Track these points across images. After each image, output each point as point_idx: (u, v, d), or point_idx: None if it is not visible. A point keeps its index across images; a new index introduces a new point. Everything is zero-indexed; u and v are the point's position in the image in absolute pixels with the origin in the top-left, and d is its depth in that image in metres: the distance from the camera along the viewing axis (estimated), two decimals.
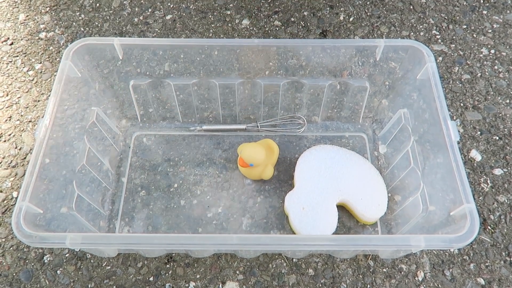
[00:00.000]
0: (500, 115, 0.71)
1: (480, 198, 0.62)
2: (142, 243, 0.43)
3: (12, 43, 0.79)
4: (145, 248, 0.51)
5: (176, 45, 0.60)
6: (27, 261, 0.57)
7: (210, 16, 0.84)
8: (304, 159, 0.62)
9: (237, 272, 0.57)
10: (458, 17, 0.84)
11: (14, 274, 0.56)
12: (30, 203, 0.45)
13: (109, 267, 0.57)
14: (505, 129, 0.69)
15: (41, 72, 0.75)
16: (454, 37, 0.81)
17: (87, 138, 0.58)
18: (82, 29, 0.81)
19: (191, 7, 0.85)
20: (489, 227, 0.60)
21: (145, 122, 0.69)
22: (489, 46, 0.79)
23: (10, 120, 0.69)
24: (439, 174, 0.52)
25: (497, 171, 0.65)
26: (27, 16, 0.83)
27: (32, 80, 0.74)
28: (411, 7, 0.85)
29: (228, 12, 0.84)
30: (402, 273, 0.56)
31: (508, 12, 0.84)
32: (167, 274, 0.56)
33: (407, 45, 0.57)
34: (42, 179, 0.49)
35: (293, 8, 0.85)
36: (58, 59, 0.77)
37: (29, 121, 0.69)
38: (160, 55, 0.61)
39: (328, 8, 0.85)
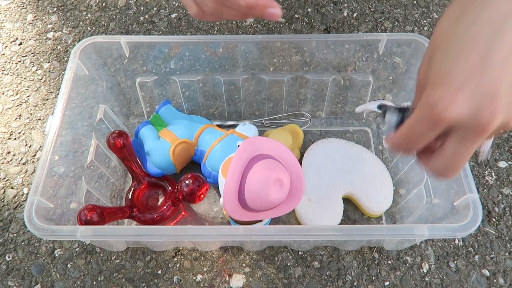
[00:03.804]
0: None
1: (485, 190, 0.63)
2: (151, 235, 0.44)
3: (20, 43, 0.80)
4: (154, 240, 0.52)
5: (181, 42, 0.61)
6: (38, 255, 0.58)
7: None
8: (311, 152, 0.63)
9: (244, 265, 0.57)
10: None
11: (25, 268, 0.57)
12: (41, 197, 0.46)
13: (118, 261, 0.58)
14: None
15: (49, 71, 0.76)
16: None
17: (95, 135, 0.60)
18: (89, 28, 0.82)
19: None
20: (493, 219, 0.60)
21: None
22: None
23: (19, 118, 0.71)
24: None
25: (502, 164, 0.65)
26: (35, 16, 0.84)
27: (41, 79, 0.75)
28: (415, 2, 0.86)
29: None
30: (407, 265, 0.57)
31: None
32: (174, 267, 0.57)
33: (410, 38, 0.57)
34: (52, 175, 0.50)
35: (296, 4, 0.86)
36: (66, 58, 0.78)
37: (38, 119, 0.70)
38: (165, 53, 0.62)
39: (331, 4, 0.85)
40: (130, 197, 0.59)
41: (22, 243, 0.59)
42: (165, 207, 0.57)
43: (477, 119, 0.29)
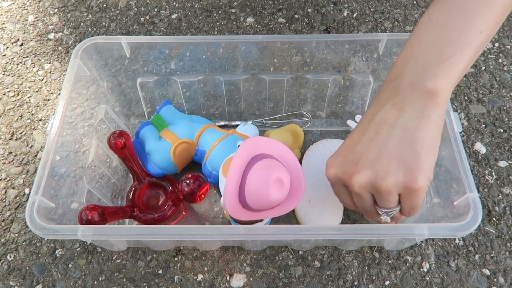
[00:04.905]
0: (505, 108, 0.71)
1: (485, 190, 0.63)
2: (152, 235, 0.44)
3: (22, 44, 0.80)
4: (154, 240, 0.52)
5: (182, 42, 0.61)
6: (39, 255, 0.58)
7: (215, 15, 0.85)
8: (310, 153, 0.63)
9: (244, 264, 0.58)
10: None
11: (27, 268, 0.58)
12: (42, 197, 0.46)
13: (119, 261, 0.58)
14: (510, 122, 0.69)
15: (50, 72, 0.77)
16: None
17: (96, 135, 0.60)
18: (89, 29, 0.83)
19: (196, 6, 0.86)
20: (494, 219, 0.60)
21: None
22: (493, 40, 0.79)
23: (21, 119, 0.71)
24: (443, 167, 0.52)
25: (502, 163, 0.65)
26: (36, 17, 0.85)
27: (42, 79, 0.76)
28: (415, 2, 0.86)
29: (233, 10, 0.85)
30: (407, 264, 0.57)
31: None
32: (175, 267, 0.57)
33: None
34: (53, 175, 0.50)
35: (297, 5, 0.86)
36: (66, 59, 0.78)
37: (40, 120, 0.71)
38: (166, 54, 0.62)
39: (331, 5, 0.86)
40: (131, 197, 0.59)
41: (24, 243, 0.60)
42: (166, 207, 0.57)
43: (344, 176, 0.43)
